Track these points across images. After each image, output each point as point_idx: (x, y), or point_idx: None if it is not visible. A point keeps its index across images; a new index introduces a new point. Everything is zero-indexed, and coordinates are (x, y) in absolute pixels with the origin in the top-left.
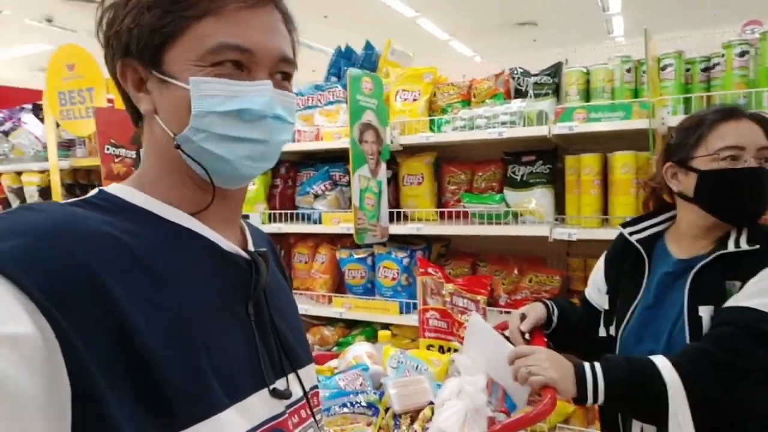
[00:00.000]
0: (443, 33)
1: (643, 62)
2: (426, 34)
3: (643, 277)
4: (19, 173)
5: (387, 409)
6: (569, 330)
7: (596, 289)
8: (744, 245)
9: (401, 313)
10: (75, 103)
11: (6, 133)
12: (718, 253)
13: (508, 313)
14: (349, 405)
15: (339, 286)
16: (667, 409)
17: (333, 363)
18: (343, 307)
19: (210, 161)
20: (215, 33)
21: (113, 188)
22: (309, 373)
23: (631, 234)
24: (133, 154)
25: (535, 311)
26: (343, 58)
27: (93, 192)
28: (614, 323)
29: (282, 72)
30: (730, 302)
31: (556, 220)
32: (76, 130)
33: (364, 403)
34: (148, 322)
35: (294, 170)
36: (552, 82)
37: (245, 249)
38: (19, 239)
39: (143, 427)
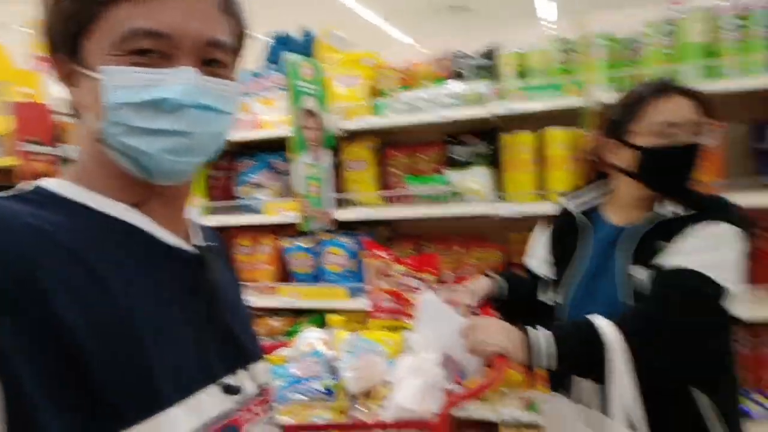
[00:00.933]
0: (378, 17)
1: (575, 43)
2: (360, 19)
3: (585, 246)
4: None
5: (344, 392)
6: (516, 299)
7: (538, 259)
8: (679, 211)
9: (350, 297)
10: None
11: None
12: (657, 221)
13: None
14: (305, 392)
15: (284, 275)
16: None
17: (284, 352)
18: (289, 296)
19: (133, 155)
20: (129, 18)
21: (47, 182)
22: (261, 368)
23: (570, 204)
24: (55, 151)
25: (481, 285)
26: (282, 45)
27: (28, 187)
28: (560, 292)
29: (215, 58)
30: (664, 260)
31: (498, 198)
32: None
33: (321, 389)
34: (83, 317)
35: (232, 160)
36: (489, 64)
37: (191, 244)
38: None
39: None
